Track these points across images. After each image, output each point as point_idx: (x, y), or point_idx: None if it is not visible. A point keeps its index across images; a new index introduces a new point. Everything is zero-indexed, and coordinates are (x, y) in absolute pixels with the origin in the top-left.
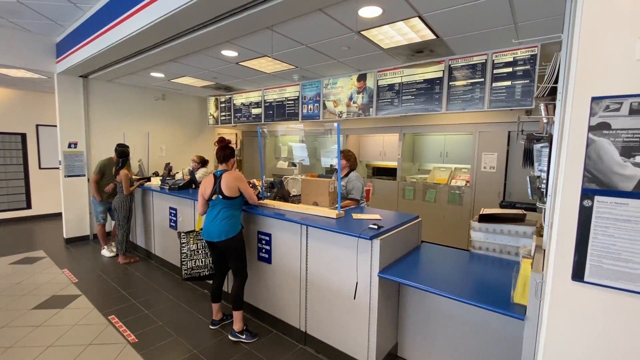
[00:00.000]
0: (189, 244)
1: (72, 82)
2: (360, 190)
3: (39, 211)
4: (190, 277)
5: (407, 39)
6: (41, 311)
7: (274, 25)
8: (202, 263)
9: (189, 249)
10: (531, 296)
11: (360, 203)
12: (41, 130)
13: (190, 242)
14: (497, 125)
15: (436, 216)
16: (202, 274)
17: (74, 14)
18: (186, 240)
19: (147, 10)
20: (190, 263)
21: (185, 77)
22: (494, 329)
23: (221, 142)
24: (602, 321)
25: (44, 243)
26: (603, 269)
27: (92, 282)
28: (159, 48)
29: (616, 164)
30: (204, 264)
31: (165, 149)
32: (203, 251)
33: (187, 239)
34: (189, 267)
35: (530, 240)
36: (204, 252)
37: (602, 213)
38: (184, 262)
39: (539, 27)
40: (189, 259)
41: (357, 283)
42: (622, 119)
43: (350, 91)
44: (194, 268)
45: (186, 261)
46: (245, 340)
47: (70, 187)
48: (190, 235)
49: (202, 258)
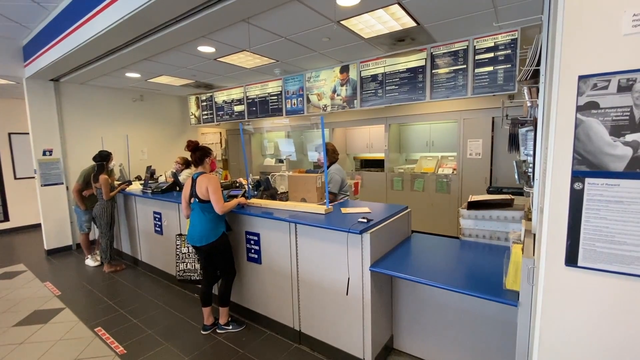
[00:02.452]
0: (181, 247)
1: (42, 86)
2: (338, 183)
3: (18, 223)
4: (183, 279)
5: (387, 27)
6: (23, 328)
7: (249, 17)
8: (192, 267)
9: (180, 252)
10: (523, 282)
11: (339, 197)
12: (14, 138)
13: (182, 245)
14: (481, 111)
15: (425, 205)
16: (193, 277)
17: (39, 15)
18: (179, 243)
19: (115, 6)
20: (182, 265)
21: (162, 76)
22: (488, 315)
23: (189, 146)
24: (598, 306)
25: (24, 256)
26: (597, 253)
27: (76, 293)
28: (131, 46)
29: (606, 144)
30: (194, 268)
31: (146, 152)
32: (193, 255)
33: (180, 242)
34: (181, 269)
35: (519, 224)
36: (194, 257)
37: (594, 195)
38: (177, 263)
39: (518, 10)
40: (181, 262)
41: (349, 279)
42: (610, 97)
43: (334, 84)
44: (185, 271)
45: (179, 263)
46: (233, 329)
47: (48, 196)
48: (182, 238)
49: (192, 262)
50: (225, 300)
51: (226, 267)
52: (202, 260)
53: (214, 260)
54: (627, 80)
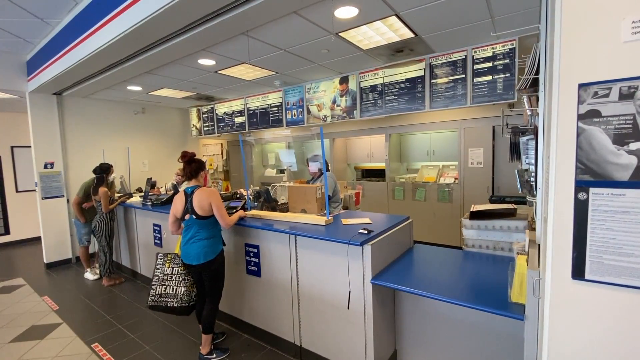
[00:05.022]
0: (163, 267)
1: (45, 100)
2: (331, 187)
3: (19, 236)
4: (156, 305)
5: (386, 38)
6: (19, 344)
7: (249, 30)
8: (172, 291)
9: (162, 272)
10: (529, 295)
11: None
12: (16, 151)
13: (165, 265)
14: (481, 120)
15: (427, 215)
16: (170, 304)
17: (43, 30)
18: (162, 262)
19: (117, 22)
20: (160, 289)
21: (164, 88)
22: (494, 328)
23: (184, 157)
24: (607, 320)
25: (24, 269)
26: (604, 265)
27: (74, 308)
28: (132, 60)
29: (610, 152)
30: (174, 293)
31: (147, 164)
32: (177, 278)
33: (163, 261)
34: (157, 293)
35: (523, 234)
36: (178, 280)
37: (599, 206)
38: (153, 286)
39: (516, 19)
40: (160, 284)
41: (350, 292)
42: (612, 105)
43: (333, 94)
44: (162, 295)
45: (156, 285)
46: (216, 358)
47: (49, 209)
48: (167, 258)
49: (174, 286)
50: (209, 327)
51: (216, 289)
52: (196, 279)
53: (205, 278)
54: (629, 87)
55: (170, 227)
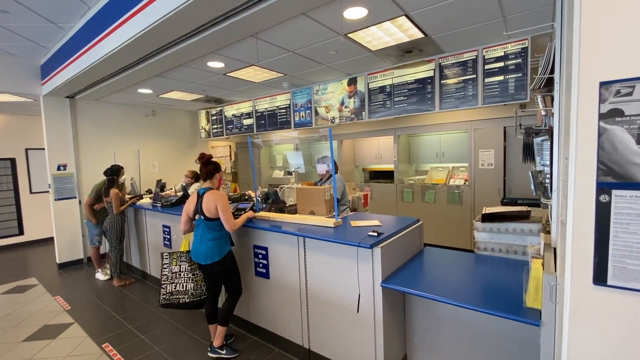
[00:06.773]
0: (171, 266)
1: (58, 103)
2: (340, 190)
3: (32, 237)
4: (168, 304)
5: (395, 39)
6: (32, 343)
7: (258, 32)
8: (182, 288)
9: (170, 271)
10: (545, 300)
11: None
12: (31, 154)
13: (172, 263)
14: (492, 121)
15: (437, 217)
16: (182, 300)
17: (56, 35)
18: (169, 261)
19: (128, 25)
20: (170, 287)
21: (173, 91)
22: (508, 333)
23: (202, 158)
24: (631, 327)
25: (36, 270)
26: (628, 271)
27: (85, 308)
28: (143, 63)
29: (633, 153)
30: (184, 289)
31: (157, 166)
32: (186, 275)
33: (170, 260)
34: (167, 292)
35: (537, 238)
36: (187, 277)
37: (622, 208)
38: (163, 285)
39: (528, 18)
40: (169, 282)
41: (360, 295)
42: (635, 103)
43: (342, 96)
44: (173, 293)
45: (166, 284)
46: (226, 355)
47: (61, 210)
48: (173, 256)
49: (184, 282)
50: (225, 320)
51: (233, 286)
52: (205, 277)
53: (220, 279)
54: None
55: (182, 225)
